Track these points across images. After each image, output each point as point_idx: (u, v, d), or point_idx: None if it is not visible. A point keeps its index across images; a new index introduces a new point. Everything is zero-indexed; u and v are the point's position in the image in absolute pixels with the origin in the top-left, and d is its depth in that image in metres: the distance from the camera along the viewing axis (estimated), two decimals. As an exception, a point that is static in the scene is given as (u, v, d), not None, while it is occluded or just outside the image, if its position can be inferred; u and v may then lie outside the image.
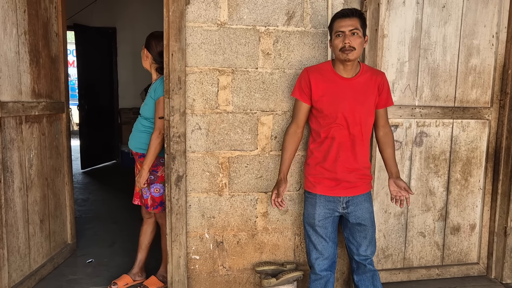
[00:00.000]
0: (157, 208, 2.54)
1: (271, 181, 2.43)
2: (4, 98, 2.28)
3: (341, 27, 1.96)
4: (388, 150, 2.19)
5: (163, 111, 2.31)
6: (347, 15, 1.96)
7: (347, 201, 2.08)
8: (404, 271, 2.70)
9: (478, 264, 2.81)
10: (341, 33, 1.96)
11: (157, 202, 2.53)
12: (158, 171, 2.50)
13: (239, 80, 2.34)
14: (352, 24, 1.94)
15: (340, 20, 1.98)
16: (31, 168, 2.56)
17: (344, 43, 1.94)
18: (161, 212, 2.55)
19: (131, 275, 2.71)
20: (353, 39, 1.94)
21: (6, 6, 2.28)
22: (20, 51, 2.42)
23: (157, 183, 2.51)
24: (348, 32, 1.94)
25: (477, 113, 2.67)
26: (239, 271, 2.49)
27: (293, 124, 2.16)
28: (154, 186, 2.51)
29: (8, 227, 2.35)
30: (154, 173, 2.50)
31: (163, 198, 2.51)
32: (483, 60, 2.64)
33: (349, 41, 1.93)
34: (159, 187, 2.51)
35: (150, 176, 2.50)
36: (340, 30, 1.96)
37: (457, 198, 2.73)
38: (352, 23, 1.94)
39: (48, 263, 2.77)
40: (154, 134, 2.40)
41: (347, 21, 1.95)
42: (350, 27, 1.94)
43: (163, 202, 2.50)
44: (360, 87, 2.06)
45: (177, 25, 2.20)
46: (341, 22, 1.96)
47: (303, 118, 2.14)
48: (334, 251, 2.15)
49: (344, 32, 1.95)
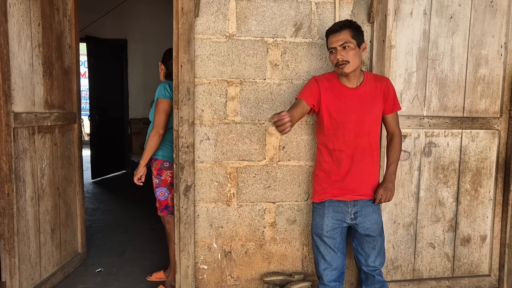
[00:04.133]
0: (162, 211, 2.63)
1: (279, 191, 2.44)
2: (17, 109, 2.33)
3: (332, 43, 2.01)
4: (387, 156, 2.18)
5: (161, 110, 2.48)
6: (335, 30, 2.00)
7: (355, 212, 2.08)
8: (414, 282, 2.67)
9: (489, 276, 2.77)
10: (333, 49, 2.01)
11: (163, 206, 2.62)
12: (162, 175, 2.58)
13: (247, 91, 2.36)
14: (341, 39, 1.97)
15: (331, 36, 2.02)
16: (43, 177, 2.60)
17: (336, 59, 1.98)
18: (167, 215, 2.62)
19: (166, 273, 2.84)
20: (345, 53, 1.97)
21: (21, 20, 2.34)
22: (34, 63, 2.48)
23: (161, 187, 2.59)
24: (339, 47, 1.98)
25: (486, 123, 2.65)
26: (247, 281, 2.48)
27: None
28: (159, 190, 2.60)
29: (20, 236, 2.38)
30: (158, 177, 2.59)
31: (168, 201, 2.59)
32: (492, 70, 2.64)
33: (342, 56, 1.97)
34: (164, 190, 2.59)
35: (155, 180, 2.59)
36: (332, 46, 2.01)
37: (467, 209, 2.70)
38: (342, 37, 1.97)
39: (58, 272, 2.79)
40: (152, 132, 2.51)
41: (337, 36, 1.99)
42: (340, 42, 1.97)
43: (168, 206, 2.61)
44: (366, 96, 2.07)
45: (186, 37, 2.24)
46: (332, 38, 2.01)
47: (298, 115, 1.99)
48: (343, 262, 2.15)
49: (335, 48, 1.99)
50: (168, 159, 2.56)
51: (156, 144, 2.51)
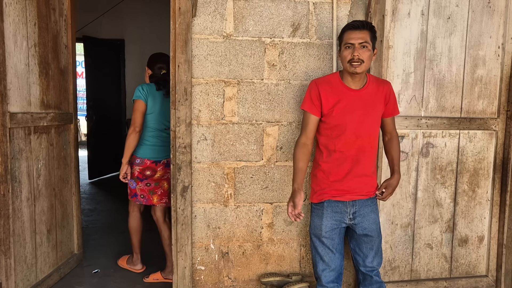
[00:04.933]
0: (133, 197, 2.89)
1: (277, 192, 2.43)
2: (13, 109, 2.32)
3: (350, 39, 1.95)
4: (391, 154, 2.20)
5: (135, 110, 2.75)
6: (357, 27, 1.95)
7: (354, 212, 2.07)
8: (412, 283, 2.66)
9: (487, 277, 2.77)
10: (350, 45, 1.95)
11: (133, 193, 2.87)
12: (132, 168, 2.81)
13: (244, 91, 2.35)
14: (362, 37, 1.93)
15: (350, 31, 1.96)
16: (39, 178, 2.59)
17: (352, 55, 1.93)
18: (135, 201, 2.91)
19: (163, 274, 2.92)
20: (362, 52, 1.93)
21: (17, 20, 2.33)
22: (30, 63, 2.46)
23: (131, 179, 2.83)
24: (358, 44, 1.93)
25: (484, 124, 2.65)
26: (244, 282, 2.47)
27: (303, 135, 2.08)
28: (130, 180, 2.84)
29: (16, 237, 2.37)
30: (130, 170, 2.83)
31: (136, 191, 2.84)
32: (489, 70, 2.64)
33: (358, 54, 1.92)
34: (132, 181, 2.83)
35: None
36: (350, 42, 1.95)
37: (465, 210, 2.70)
38: (362, 35, 1.94)
39: (54, 273, 2.78)
40: (129, 130, 2.75)
41: (358, 33, 1.94)
42: (360, 40, 1.93)
43: (136, 194, 2.85)
44: (368, 98, 2.06)
45: (184, 37, 2.23)
46: (351, 34, 1.95)
47: (312, 130, 2.07)
48: (341, 263, 2.14)
49: (353, 45, 1.94)
50: (139, 155, 2.79)
51: (133, 141, 2.72)
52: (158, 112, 2.76)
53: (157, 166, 2.79)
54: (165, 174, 2.82)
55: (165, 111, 2.75)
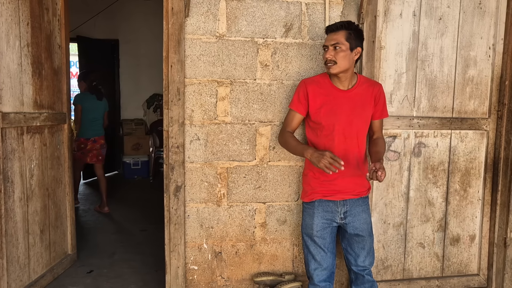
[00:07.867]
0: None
1: (270, 192, 2.44)
2: (6, 109, 2.31)
3: (326, 41, 2.05)
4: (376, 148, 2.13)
5: (77, 111, 4.35)
6: (332, 29, 2.04)
7: (345, 212, 2.09)
8: (404, 282, 2.68)
9: (478, 276, 2.79)
10: (325, 47, 2.04)
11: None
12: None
13: (237, 91, 2.36)
14: (334, 39, 2.00)
15: (328, 34, 2.06)
16: (32, 178, 2.58)
17: (325, 57, 2.02)
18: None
19: (99, 208, 4.63)
20: (335, 53, 1.99)
21: (9, 19, 2.32)
22: (22, 62, 2.46)
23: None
24: (330, 46, 2.01)
25: (475, 124, 2.68)
26: (237, 281, 2.48)
27: (286, 128, 2.15)
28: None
29: (8, 237, 2.36)
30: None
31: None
32: (481, 71, 2.66)
33: (330, 55, 2.00)
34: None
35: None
36: (324, 44, 2.05)
37: (456, 209, 2.72)
38: (336, 37, 2.00)
39: (48, 274, 2.77)
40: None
41: (332, 35, 2.02)
42: (332, 41, 2.00)
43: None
44: (357, 98, 2.08)
45: (176, 37, 2.24)
46: (328, 36, 2.05)
47: (295, 126, 2.17)
48: (333, 262, 2.15)
49: (327, 46, 2.02)
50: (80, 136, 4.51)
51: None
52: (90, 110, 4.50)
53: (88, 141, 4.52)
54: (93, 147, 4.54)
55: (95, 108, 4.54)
